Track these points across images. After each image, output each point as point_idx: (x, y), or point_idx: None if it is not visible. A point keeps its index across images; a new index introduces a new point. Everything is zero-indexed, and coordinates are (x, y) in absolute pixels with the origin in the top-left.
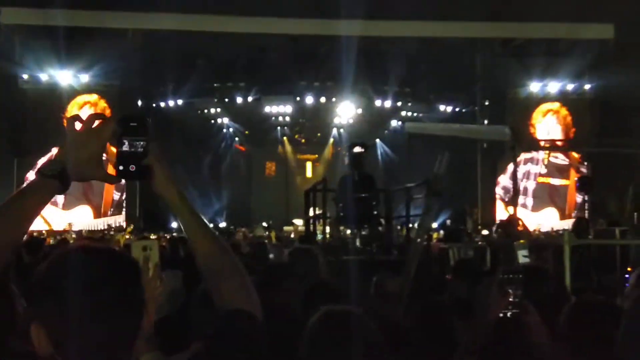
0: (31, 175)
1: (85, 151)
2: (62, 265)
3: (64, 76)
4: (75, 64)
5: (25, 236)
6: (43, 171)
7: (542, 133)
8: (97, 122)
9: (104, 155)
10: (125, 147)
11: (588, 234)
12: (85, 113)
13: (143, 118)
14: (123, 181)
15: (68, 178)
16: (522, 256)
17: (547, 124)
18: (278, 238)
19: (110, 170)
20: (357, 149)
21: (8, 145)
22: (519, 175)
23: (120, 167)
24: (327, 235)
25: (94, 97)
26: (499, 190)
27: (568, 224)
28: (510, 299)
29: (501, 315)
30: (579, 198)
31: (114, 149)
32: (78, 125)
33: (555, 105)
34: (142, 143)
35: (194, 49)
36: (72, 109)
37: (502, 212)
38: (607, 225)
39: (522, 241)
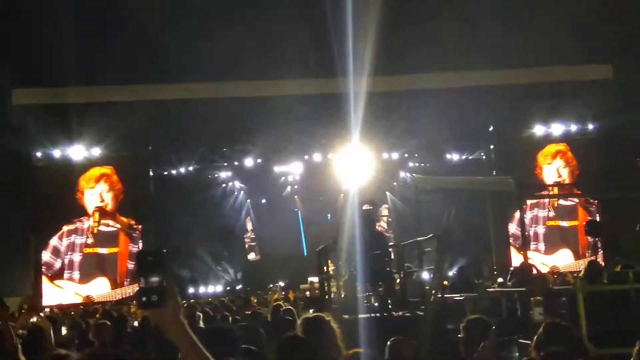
0: (45, 255)
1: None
2: None
3: (77, 151)
4: (87, 138)
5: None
6: None
7: (550, 175)
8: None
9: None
10: (143, 283)
11: (602, 277)
12: (101, 187)
13: (159, 254)
14: (134, 249)
15: None
16: (538, 313)
17: (556, 166)
18: (294, 298)
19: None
20: (366, 207)
21: (24, 222)
22: (527, 221)
23: (143, 299)
24: (342, 294)
25: (108, 169)
26: (510, 239)
27: (585, 263)
28: None
29: None
30: (590, 238)
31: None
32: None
33: (562, 146)
34: (157, 279)
35: (201, 116)
36: (88, 183)
37: (516, 257)
38: (622, 267)
39: (538, 298)
